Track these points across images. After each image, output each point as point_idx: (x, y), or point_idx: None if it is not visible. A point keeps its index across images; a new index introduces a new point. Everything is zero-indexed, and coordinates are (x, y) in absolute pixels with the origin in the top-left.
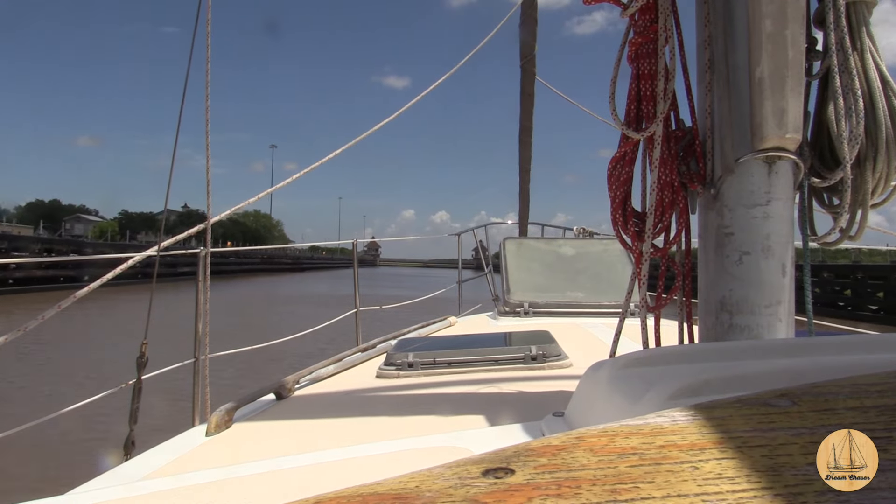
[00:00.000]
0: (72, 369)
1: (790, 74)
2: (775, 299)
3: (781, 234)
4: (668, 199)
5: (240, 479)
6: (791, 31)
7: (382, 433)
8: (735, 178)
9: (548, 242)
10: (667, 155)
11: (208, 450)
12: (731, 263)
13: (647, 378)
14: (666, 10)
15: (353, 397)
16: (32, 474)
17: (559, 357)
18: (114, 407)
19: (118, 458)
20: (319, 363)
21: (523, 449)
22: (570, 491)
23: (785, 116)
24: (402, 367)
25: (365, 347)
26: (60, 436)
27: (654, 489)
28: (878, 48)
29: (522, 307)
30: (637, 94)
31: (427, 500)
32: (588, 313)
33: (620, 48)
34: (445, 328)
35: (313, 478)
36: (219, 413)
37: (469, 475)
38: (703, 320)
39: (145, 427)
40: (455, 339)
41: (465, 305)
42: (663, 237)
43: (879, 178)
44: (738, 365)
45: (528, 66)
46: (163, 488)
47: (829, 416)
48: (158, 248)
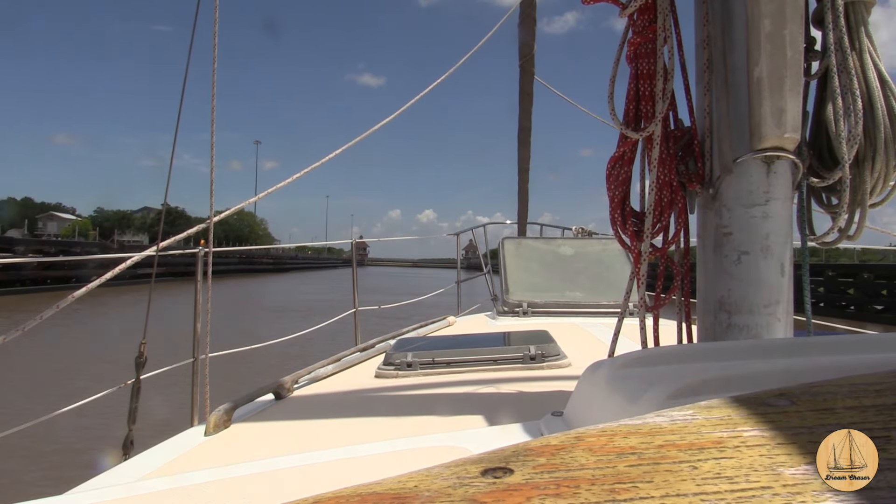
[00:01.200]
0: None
1: (789, 74)
2: (774, 299)
3: (780, 234)
4: (666, 198)
5: (238, 479)
6: (790, 31)
7: (381, 433)
8: (734, 177)
9: (546, 242)
10: (665, 155)
11: (207, 450)
12: (730, 263)
13: (646, 378)
14: (665, 9)
15: (351, 397)
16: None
17: (558, 357)
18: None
19: (117, 457)
20: (318, 363)
21: (522, 449)
22: (568, 490)
23: (783, 116)
24: (401, 367)
25: (364, 347)
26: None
27: (653, 489)
28: (876, 48)
29: (521, 307)
30: (636, 94)
31: (426, 499)
32: (587, 313)
33: (619, 48)
34: (444, 328)
35: (312, 477)
36: (217, 413)
37: (468, 475)
38: (701, 320)
39: (144, 425)
40: (454, 339)
41: (455, 306)
42: (662, 237)
43: (878, 177)
44: (736, 365)
45: (526, 66)
46: (161, 488)
47: (828, 416)
48: (157, 247)
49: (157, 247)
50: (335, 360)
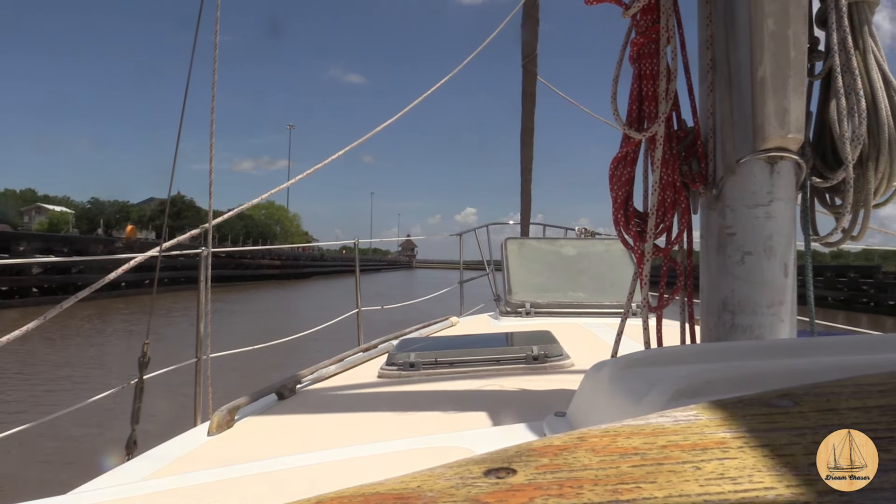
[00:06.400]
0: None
1: (792, 74)
2: (777, 299)
3: (783, 235)
4: (669, 199)
5: (241, 479)
6: (793, 31)
7: (384, 433)
8: (737, 178)
9: (549, 242)
10: (669, 155)
11: (210, 449)
12: (733, 263)
13: (649, 378)
14: (668, 10)
15: (354, 397)
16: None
17: (561, 357)
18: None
19: (120, 457)
20: (321, 363)
21: (525, 449)
22: (571, 491)
23: (787, 116)
24: (404, 367)
25: (367, 347)
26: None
27: (656, 489)
28: (880, 48)
29: (524, 307)
30: (639, 95)
31: (429, 499)
32: (590, 313)
33: (622, 48)
34: (447, 328)
35: (315, 477)
36: (221, 413)
37: (471, 475)
38: (705, 320)
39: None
40: (457, 339)
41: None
42: (665, 237)
43: (882, 178)
44: (740, 365)
45: (529, 66)
46: (164, 488)
47: (832, 417)
48: (160, 249)
49: (159, 248)
50: (338, 360)
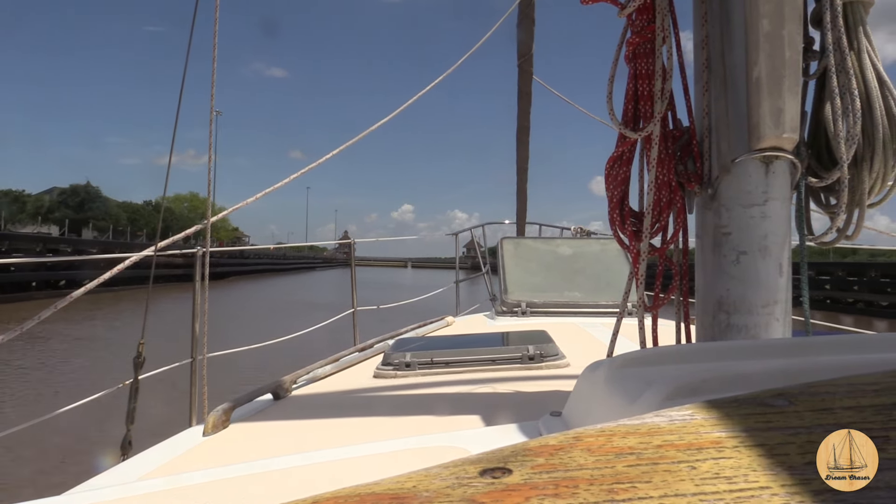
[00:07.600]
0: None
1: (787, 74)
2: (772, 299)
3: (778, 234)
4: (665, 198)
5: (237, 479)
6: (788, 31)
7: (380, 433)
8: (732, 177)
9: (545, 242)
10: (664, 154)
11: (205, 450)
12: (729, 263)
13: (645, 378)
14: (663, 9)
15: (350, 397)
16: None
17: (556, 357)
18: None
19: (115, 458)
20: (317, 363)
21: (521, 449)
22: (567, 491)
23: (782, 116)
24: (400, 367)
25: (362, 347)
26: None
27: (652, 489)
28: (874, 48)
29: (520, 307)
30: (634, 94)
31: (424, 499)
32: (586, 313)
33: (618, 48)
34: (443, 328)
35: (310, 477)
36: (216, 413)
37: (466, 475)
38: (700, 320)
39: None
40: (452, 339)
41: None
42: (661, 237)
43: (876, 177)
44: (735, 364)
45: (525, 66)
46: (160, 488)
47: (826, 416)
48: (155, 248)
49: (154, 247)
50: (334, 360)
